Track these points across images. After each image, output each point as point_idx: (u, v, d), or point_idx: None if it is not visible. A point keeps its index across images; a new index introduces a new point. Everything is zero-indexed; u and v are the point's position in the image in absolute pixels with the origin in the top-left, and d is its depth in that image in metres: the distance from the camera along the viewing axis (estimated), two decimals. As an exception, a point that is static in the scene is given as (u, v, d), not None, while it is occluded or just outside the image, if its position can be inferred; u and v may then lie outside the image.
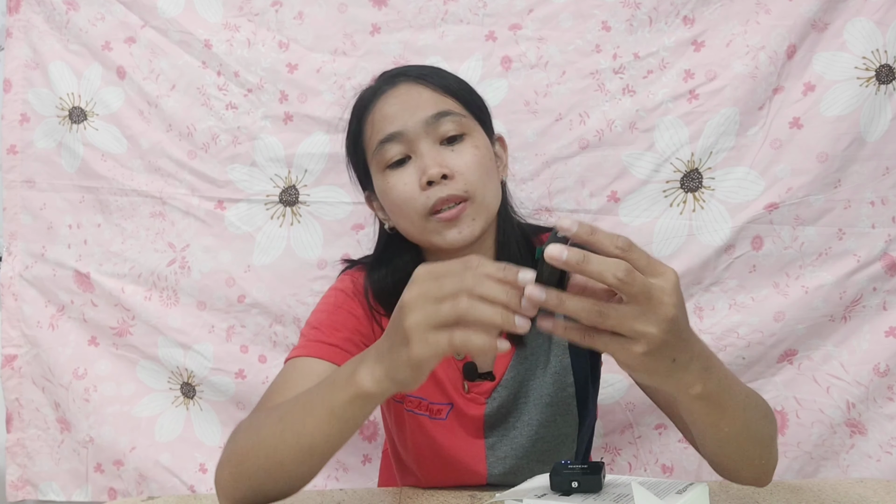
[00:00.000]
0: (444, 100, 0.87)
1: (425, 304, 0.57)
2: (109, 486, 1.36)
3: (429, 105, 0.85)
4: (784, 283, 1.27)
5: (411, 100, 0.86)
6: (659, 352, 0.55)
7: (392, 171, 0.85)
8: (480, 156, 0.85)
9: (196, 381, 1.37)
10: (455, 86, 0.90)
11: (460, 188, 0.83)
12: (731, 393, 0.65)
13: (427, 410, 0.92)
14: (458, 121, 0.86)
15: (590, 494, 0.69)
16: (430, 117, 0.84)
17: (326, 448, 0.68)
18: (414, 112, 0.85)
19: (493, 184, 0.87)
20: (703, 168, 1.28)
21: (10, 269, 1.39)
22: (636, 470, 1.32)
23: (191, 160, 1.36)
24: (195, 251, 1.36)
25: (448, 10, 1.34)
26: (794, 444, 1.27)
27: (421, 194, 0.83)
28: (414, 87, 0.87)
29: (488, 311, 0.55)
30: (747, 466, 0.73)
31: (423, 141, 0.84)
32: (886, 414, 1.24)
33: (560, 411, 0.91)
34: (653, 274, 0.54)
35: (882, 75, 1.22)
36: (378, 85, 0.90)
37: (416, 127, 0.84)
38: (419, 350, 0.57)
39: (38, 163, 1.39)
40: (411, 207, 0.84)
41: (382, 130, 0.85)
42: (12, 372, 1.38)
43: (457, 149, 0.85)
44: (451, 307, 0.55)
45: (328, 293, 0.95)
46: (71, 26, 1.38)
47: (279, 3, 1.36)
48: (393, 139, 0.84)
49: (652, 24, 1.30)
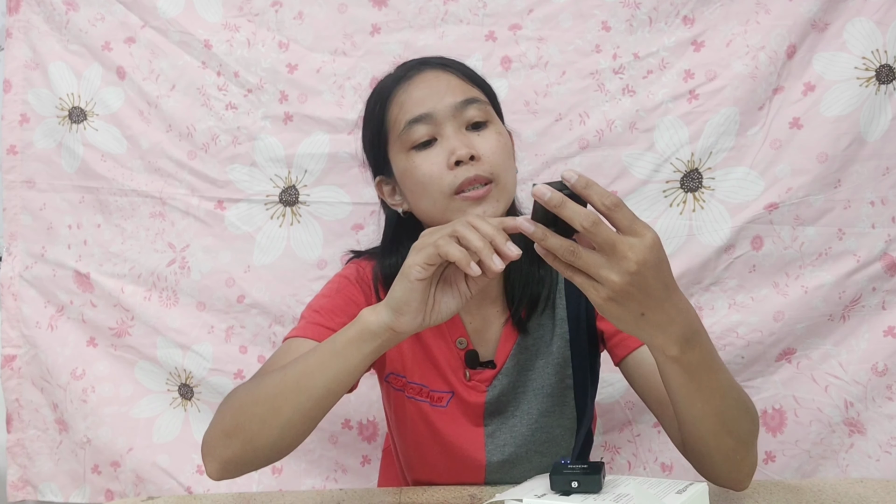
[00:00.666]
0: (470, 88, 0.90)
1: (426, 237, 0.69)
2: (107, 488, 1.36)
3: (457, 91, 0.88)
4: (784, 283, 1.27)
5: (440, 84, 0.89)
6: (623, 301, 0.62)
7: (418, 152, 0.87)
8: (504, 142, 0.89)
9: (194, 382, 1.37)
10: (477, 77, 0.94)
11: (486, 170, 0.85)
12: (711, 373, 0.69)
13: (428, 397, 0.93)
14: (484, 108, 0.89)
15: (590, 494, 0.69)
16: (458, 102, 0.87)
17: (324, 392, 0.74)
18: (443, 97, 0.87)
19: (513, 171, 0.90)
20: (703, 168, 1.28)
21: (10, 269, 1.39)
22: (635, 468, 1.32)
23: (191, 160, 1.36)
24: (195, 251, 1.36)
25: (448, 11, 1.34)
26: (792, 442, 1.27)
27: (448, 173, 0.85)
28: (441, 73, 0.90)
29: (474, 236, 0.66)
30: (722, 460, 0.75)
31: (450, 124, 0.87)
32: (886, 413, 1.24)
33: (558, 402, 0.92)
34: (631, 233, 0.61)
35: (882, 75, 1.22)
36: (402, 72, 0.93)
37: (445, 111, 0.87)
38: (412, 257, 0.69)
39: (37, 163, 1.39)
40: (437, 186, 0.86)
41: (411, 112, 0.88)
42: (12, 372, 1.37)
43: (482, 134, 0.88)
44: (448, 227, 0.68)
45: (332, 279, 0.98)
46: (71, 26, 1.38)
47: (279, 4, 1.36)
48: (422, 120, 0.87)
49: (652, 24, 1.30)
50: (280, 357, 0.85)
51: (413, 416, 0.94)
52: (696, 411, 0.71)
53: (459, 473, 0.93)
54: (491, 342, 0.94)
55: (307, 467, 1.36)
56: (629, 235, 0.60)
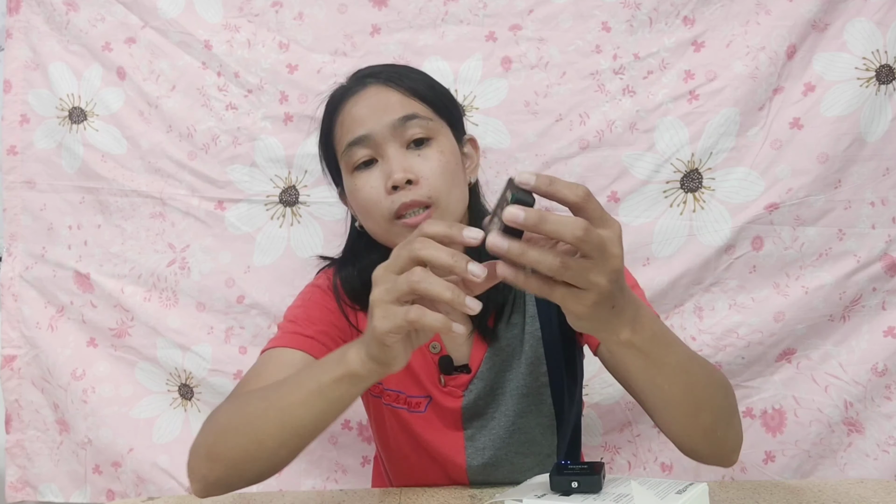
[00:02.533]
0: (412, 103, 0.87)
1: (387, 277, 0.59)
2: (108, 488, 1.36)
3: (396, 108, 0.86)
4: (784, 284, 1.27)
5: (379, 103, 0.87)
6: (604, 301, 0.56)
7: (359, 174, 0.86)
8: (446, 161, 0.86)
9: (194, 382, 1.37)
10: (423, 88, 0.90)
11: (424, 194, 0.83)
12: (666, 348, 0.66)
13: (405, 403, 0.92)
14: (425, 125, 0.86)
15: (590, 494, 0.69)
16: (396, 121, 0.85)
17: (309, 428, 0.70)
18: (381, 116, 0.85)
19: (459, 189, 0.88)
20: (703, 168, 1.28)
21: (11, 269, 1.39)
22: (635, 468, 1.32)
23: (191, 161, 1.36)
24: (195, 252, 1.36)
25: (448, 11, 1.34)
26: (792, 442, 1.27)
27: (386, 198, 0.84)
28: (382, 90, 0.88)
29: (438, 286, 0.56)
30: (702, 438, 0.73)
31: (390, 144, 0.85)
32: (884, 413, 1.24)
33: (535, 401, 0.91)
34: (604, 225, 0.54)
35: (882, 76, 1.23)
36: (348, 85, 0.91)
37: (383, 130, 0.85)
38: (380, 323, 0.59)
39: (38, 164, 1.40)
40: (377, 211, 0.85)
41: (351, 132, 0.86)
42: (12, 373, 1.38)
43: (423, 153, 0.85)
44: (406, 279, 0.57)
45: (304, 289, 0.97)
46: (71, 27, 1.38)
47: (279, 4, 1.36)
48: (360, 143, 0.85)
49: (652, 24, 1.30)
50: (259, 370, 0.83)
51: (392, 423, 0.93)
52: (664, 394, 0.69)
53: (442, 478, 0.92)
54: (464, 347, 0.92)
55: (307, 467, 1.36)
56: (602, 228, 0.54)
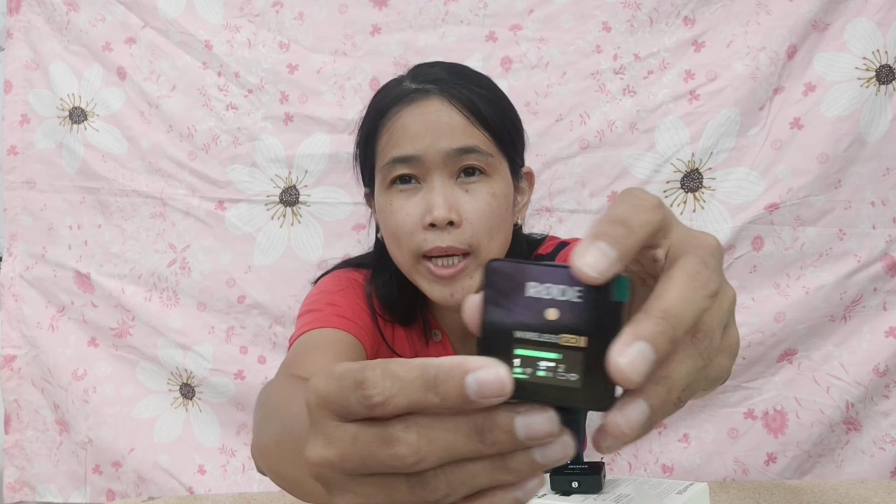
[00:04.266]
0: (475, 132, 0.77)
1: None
2: (108, 488, 1.36)
3: (456, 135, 0.76)
4: (785, 284, 1.27)
5: (439, 122, 0.76)
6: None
7: (396, 192, 0.78)
8: (496, 205, 0.77)
9: (195, 382, 1.37)
10: (491, 113, 0.79)
11: (465, 240, 0.75)
12: None
13: None
14: (483, 160, 0.77)
15: (590, 494, 0.69)
16: (454, 150, 0.76)
17: None
18: (438, 139, 0.76)
19: (504, 234, 0.79)
20: (703, 168, 1.28)
21: (11, 269, 1.39)
22: (636, 470, 1.32)
23: (191, 161, 1.36)
24: (195, 252, 1.36)
25: (448, 11, 1.34)
26: (793, 443, 1.26)
27: (420, 232, 0.76)
28: (445, 107, 0.77)
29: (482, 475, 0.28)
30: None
31: (439, 172, 0.76)
32: (881, 411, 1.24)
33: None
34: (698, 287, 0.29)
35: (882, 76, 1.22)
36: (407, 90, 0.80)
37: (436, 156, 0.76)
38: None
39: (38, 164, 1.39)
40: (406, 242, 0.77)
41: (399, 147, 0.77)
42: (11, 373, 1.37)
43: (472, 189, 0.77)
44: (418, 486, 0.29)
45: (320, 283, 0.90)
46: (71, 27, 1.38)
47: (279, 4, 1.36)
48: (407, 162, 0.77)
49: (652, 24, 1.30)
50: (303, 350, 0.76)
51: None
52: None
53: None
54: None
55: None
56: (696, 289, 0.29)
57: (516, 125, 0.84)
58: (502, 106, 0.82)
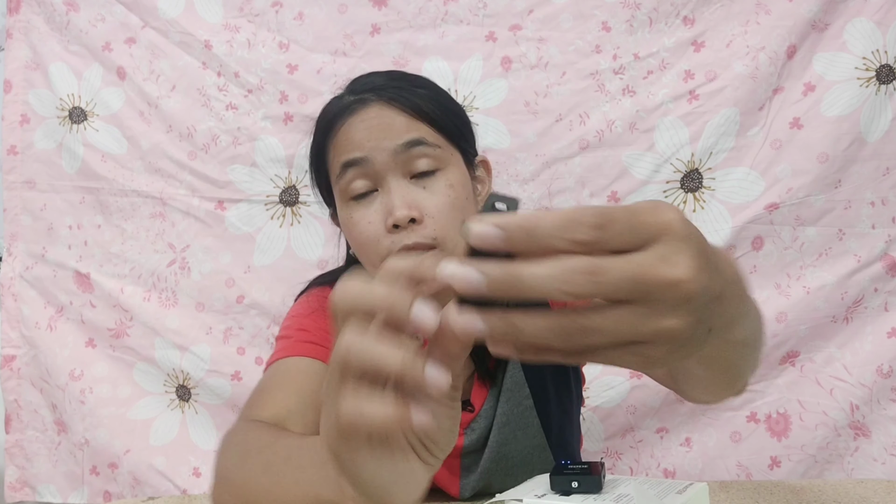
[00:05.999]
0: (419, 125, 0.78)
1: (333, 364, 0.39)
2: (105, 489, 1.36)
3: (400, 132, 0.77)
4: (785, 284, 1.26)
5: (381, 125, 0.77)
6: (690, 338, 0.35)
7: (356, 204, 0.78)
8: (455, 195, 0.77)
9: (192, 383, 1.36)
10: (432, 107, 0.79)
11: (429, 234, 0.75)
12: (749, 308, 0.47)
13: None
14: (433, 152, 0.77)
15: (590, 494, 0.69)
16: (399, 146, 0.76)
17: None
18: (382, 139, 0.76)
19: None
20: (703, 168, 1.28)
21: (11, 269, 1.39)
22: (637, 474, 1.31)
23: (191, 161, 1.36)
24: (195, 252, 1.36)
25: (448, 11, 1.34)
26: (797, 447, 1.25)
27: (385, 237, 0.75)
28: (385, 110, 0.78)
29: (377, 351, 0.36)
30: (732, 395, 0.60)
31: (392, 174, 0.76)
32: (890, 416, 1.24)
33: (519, 426, 0.86)
34: (647, 239, 0.34)
35: (882, 75, 1.22)
36: (347, 102, 0.81)
37: (384, 156, 0.76)
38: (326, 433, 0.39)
39: (38, 164, 1.40)
40: (374, 250, 0.76)
41: (347, 153, 0.78)
42: (11, 373, 1.37)
43: (429, 185, 0.77)
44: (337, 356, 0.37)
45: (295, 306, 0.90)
46: (71, 27, 1.38)
47: (279, 4, 1.36)
48: (357, 164, 0.77)
49: (652, 24, 1.30)
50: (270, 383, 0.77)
51: None
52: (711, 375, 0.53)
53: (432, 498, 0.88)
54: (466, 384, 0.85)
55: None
56: (649, 245, 0.34)
57: (461, 116, 0.84)
58: (443, 101, 0.82)
